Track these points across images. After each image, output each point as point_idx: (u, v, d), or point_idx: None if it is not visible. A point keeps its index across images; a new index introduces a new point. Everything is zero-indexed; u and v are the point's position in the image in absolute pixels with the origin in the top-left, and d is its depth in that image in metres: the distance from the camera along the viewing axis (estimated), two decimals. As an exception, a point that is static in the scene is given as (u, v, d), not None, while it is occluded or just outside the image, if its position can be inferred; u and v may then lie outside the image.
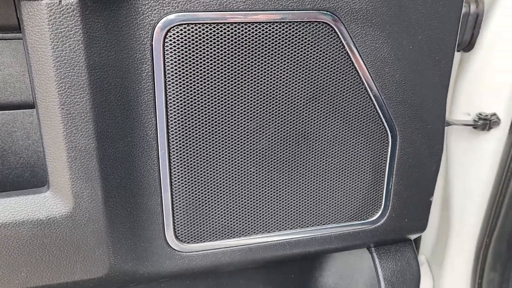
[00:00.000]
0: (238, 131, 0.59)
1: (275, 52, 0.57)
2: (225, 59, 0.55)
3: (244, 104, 0.58)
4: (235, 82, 0.57)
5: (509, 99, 0.85)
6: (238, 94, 0.57)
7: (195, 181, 0.60)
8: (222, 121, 0.58)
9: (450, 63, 0.65)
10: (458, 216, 0.99)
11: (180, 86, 0.55)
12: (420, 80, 0.64)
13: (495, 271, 1.00)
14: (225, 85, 0.56)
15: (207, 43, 0.54)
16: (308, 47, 0.58)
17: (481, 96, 0.87)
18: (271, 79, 0.58)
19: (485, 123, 0.85)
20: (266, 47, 0.56)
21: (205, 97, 0.56)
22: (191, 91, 0.55)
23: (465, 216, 0.97)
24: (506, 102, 0.85)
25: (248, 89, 0.57)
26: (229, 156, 0.60)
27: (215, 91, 0.56)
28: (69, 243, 0.57)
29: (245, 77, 0.57)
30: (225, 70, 0.56)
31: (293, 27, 0.56)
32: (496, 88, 0.85)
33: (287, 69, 0.58)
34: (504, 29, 0.82)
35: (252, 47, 0.55)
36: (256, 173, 0.63)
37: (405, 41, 0.61)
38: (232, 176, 0.62)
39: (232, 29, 0.54)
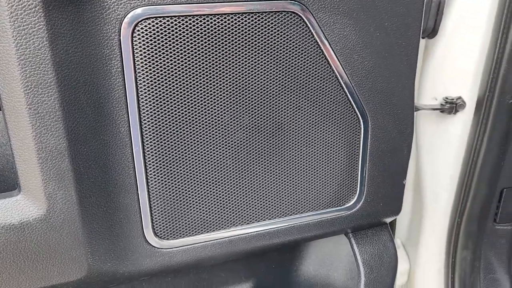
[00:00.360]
0: (212, 124, 0.59)
1: (245, 44, 0.57)
2: (194, 52, 0.55)
3: (217, 97, 0.58)
4: (206, 75, 0.56)
5: (472, 83, 0.88)
6: (210, 87, 0.57)
7: (171, 177, 0.60)
8: (195, 115, 0.58)
9: (416, 49, 0.67)
10: (430, 198, 1.02)
11: (151, 81, 0.54)
12: (388, 66, 0.65)
13: (467, 249, 1.04)
14: (196, 78, 0.56)
15: (176, 37, 0.53)
16: (277, 38, 0.58)
17: (445, 81, 0.90)
18: (242, 70, 0.58)
19: (451, 106, 0.88)
20: (235, 39, 0.56)
21: (177, 91, 0.56)
22: (162, 85, 0.55)
23: (436, 198, 1.01)
24: (469, 86, 0.88)
25: (220, 81, 0.57)
26: (204, 150, 0.60)
27: (186, 84, 0.56)
28: (44, 246, 0.55)
29: (216, 69, 0.57)
30: (195, 63, 0.55)
31: (261, 18, 0.56)
32: (459, 72, 0.88)
33: (258, 60, 0.58)
34: (464, 16, 0.84)
35: (221, 39, 0.55)
36: (233, 166, 0.63)
37: (372, 28, 0.62)
38: (209, 169, 0.62)
39: (199, 21, 0.54)
